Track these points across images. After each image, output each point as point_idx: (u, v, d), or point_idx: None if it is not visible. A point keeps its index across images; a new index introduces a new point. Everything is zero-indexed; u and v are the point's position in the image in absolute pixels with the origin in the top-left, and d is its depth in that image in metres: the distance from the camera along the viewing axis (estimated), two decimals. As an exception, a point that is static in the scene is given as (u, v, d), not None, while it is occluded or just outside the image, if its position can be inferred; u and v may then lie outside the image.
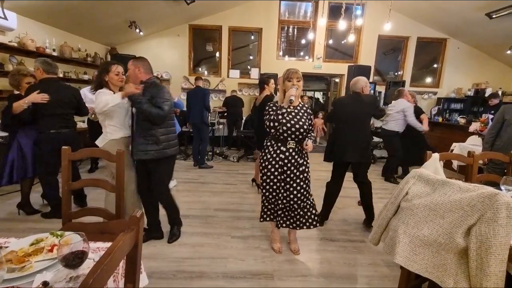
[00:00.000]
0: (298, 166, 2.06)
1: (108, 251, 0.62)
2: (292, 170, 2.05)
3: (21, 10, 3.77)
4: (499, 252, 1.11)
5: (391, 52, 7.08)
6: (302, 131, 1.99)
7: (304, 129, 2.00)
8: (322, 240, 2.51)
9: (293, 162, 2.04)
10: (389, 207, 1.54)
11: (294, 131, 1.98)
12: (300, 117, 2.01)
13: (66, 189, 1.63)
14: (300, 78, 2.00)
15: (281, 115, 1.95)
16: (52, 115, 2.59)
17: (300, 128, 1.98)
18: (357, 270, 2.09)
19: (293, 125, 1.97)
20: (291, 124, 1.97)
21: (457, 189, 1.27)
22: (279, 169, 2.05)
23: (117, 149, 1.65)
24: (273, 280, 1.94)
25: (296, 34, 6.91)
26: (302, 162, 2.08)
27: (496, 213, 1.11)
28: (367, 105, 2.62)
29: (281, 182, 2.09)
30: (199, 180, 4.05)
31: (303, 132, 2.01)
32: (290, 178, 2.06)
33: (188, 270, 1.99)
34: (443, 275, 1.27)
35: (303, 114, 2.05)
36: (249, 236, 2.51)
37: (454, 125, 5.62)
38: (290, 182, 2.07)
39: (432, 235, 1.30)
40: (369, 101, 2.65)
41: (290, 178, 2.06)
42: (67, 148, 1.61)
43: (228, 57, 6.77)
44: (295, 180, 2.07)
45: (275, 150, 2.04)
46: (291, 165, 2.03)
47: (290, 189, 2.08)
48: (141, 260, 1.28)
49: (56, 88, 2.60)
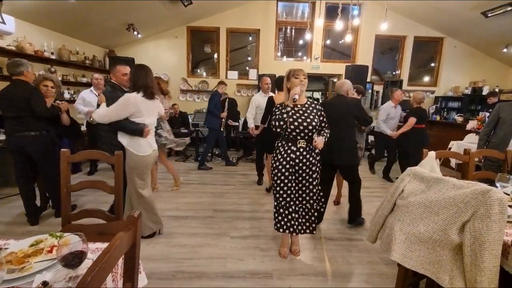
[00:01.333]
0: (310, 165, 2.03)
1: (106, 249, 0.63)
2: (304, 169, 2.02)
3: (19, 14, 3.79)
4: (492, 247, 1.12)
5: (388, 51, 7.11)
6: (311, 128, 1.96)
7: (313, 126, 1.97)
8: (321, 239, 2.52)
9: (304, 161, 2.01)
10: (385, 205, 1.55)
11: (303, 129, 1.96)
12: (308, 115, 1.98)
13: (65, 191, 1.64)
14: (306, 75, 2.00)
15: (285, 114, 1.93)
16: (7, 118, 2.52)
17: (309, 126, 1.96)
18: (356, 268, 2.11)
19: (301, 123, 1.95)
20: (299, 123, 1.95)
21: (451, 186, 1.29)
22: (290, 169, 2.02)
23: (116, 152, 1.66)
24: (272, 279, 1.95)
25: (294, 34, 6.93)
26: (314, 161, 2.05)
27: (489, 209, 1.13)
28: (352, 106, 2.64)
29: (293, 182, 2.06)
30: (198, 181, 4.07)
31: (313, 130, 1.98)
32: (303, 177, 2.04)
33: (187, 271, 2.00)
34: (439, 271, 1.29)
35: (311, 111, 2.01)
36: (248, 236, 2.53)
37: (452, 124, 5.65)
38: (303, 182, 2.05)
39: (427, 232, 1.31)
40: (354, 102, 2.70)
41: (303, 178, 2.04)
42: (65, 150, 1.63)
43: (226, 58, 6.79)
44: (307, 180, 2.05)
45: (286, 150, 2.02)
46: (302, 165, 2.01)
47: (302, 188, 2.06)
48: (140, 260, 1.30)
49: (13, 90, 2.50)
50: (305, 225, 2.14)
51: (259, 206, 3.23)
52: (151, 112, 2.29)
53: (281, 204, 2.11)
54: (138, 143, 2.21)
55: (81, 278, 0.56)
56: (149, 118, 2.25)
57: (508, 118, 2.73)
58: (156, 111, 2.37)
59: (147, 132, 2.21)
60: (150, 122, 2.27)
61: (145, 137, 2.21)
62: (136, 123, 2.18)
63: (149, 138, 2.28)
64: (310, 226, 2.14)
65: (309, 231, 2.15)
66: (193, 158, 5.39)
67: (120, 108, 2.13)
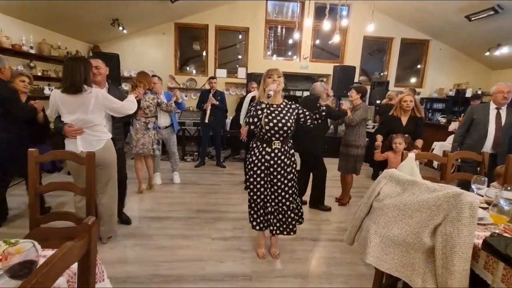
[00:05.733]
0: (285, 166, 2.02)
1: (47, 261, 0.58)
2: (279, 171, 2.01)
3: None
4: (463, 251, 1.13)
5: (376, 52, 7.18)
6: (286, 129, 1.96)
7: (288, 127, 1.96)
8: (302, 240, 2.51)
9: (279, 163, 2.00)
10: (363, 207, 1.55)
11: (278, 130, 1.95)
12: (283, 115, 1.97)
13: (33, 193, 1.56)
14: (280, 74, 1.98)
15: (260, 111, 1.89)
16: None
17: (284, 126, 1.95)
18: (336, 270, 2.10)
19: (276, 124, 1.94)
20: (274, 123, 1.94)
21: (425, 189, 1.29)
22: (265, 170, 2.01)
23: (87, 152, 1.60)
24: (251, 281, 1.93)
25: (284, 34, 6.91)
26: (289, 162, 2.04)
27: (460, 212, 1.13)
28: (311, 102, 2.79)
29: (268, 183, 2.05)
30: (183, 181, 4.00)
31: (287, 130, 1.97)
32: (278, 179, 2.03)
33: (164, 274, 1.95)
34: (412, 274, 1.29)
35: (287, 111, 2.01)
36: (230, 237, 2.49)
37: (436, 125, 5.76)
38: (278, 184, 2.04)
39: (401, 235, 1.31)
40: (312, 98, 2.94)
41: (278, 179, 2.03)
42: (33, 150, 1.55)
43: (215, 56, 6.71)
44: (282, 181, 2.03)
45: (260, 151, 2.01)
46: (277, 166, 2.00)
47: (278, 190, 2.05)
48: (107, 266, 1.25)
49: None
50: (282, 227, 2.11)
51: (243, 206, 3.17)
52: (75, 108, 1.98)
53: (259, 205, 2.10)
54: (66, 143, 2.09)
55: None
56: (71, 115, 1.99)
57: (481, 120, 2.81)
58: (84, 108, 1.98)
59: (68, 131, 2.00)
60: (73, 120, 2.00)
61: (68, 136, 2.03)
62: (61, 121, 2.03)
63: (78, 139, 2.02)
64: (288, 228, 2.12)
65: (286, 233, 2.12)
66: (180, 157, 5.30)
67: (50, 106, 2.06)
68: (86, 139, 2.05)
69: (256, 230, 2.17)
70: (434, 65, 6.93)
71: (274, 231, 2.11)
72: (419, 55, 7.09)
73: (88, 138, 2.05)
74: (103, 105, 2.06)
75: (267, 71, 2.00)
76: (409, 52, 7.04)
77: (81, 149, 2.00)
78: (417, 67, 7.22)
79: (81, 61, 1.99)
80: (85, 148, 2.01)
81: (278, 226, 2.11)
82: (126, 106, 2.21)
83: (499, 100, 2.76)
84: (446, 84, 6.96)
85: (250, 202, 2.13)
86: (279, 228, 2.11)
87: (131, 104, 2.27)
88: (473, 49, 6.46)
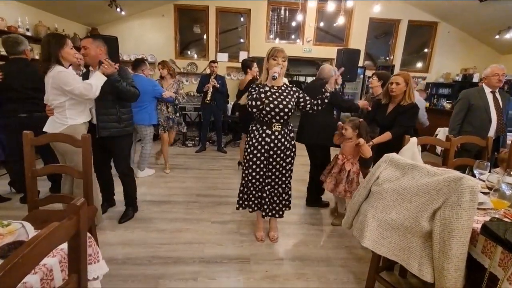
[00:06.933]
0: (285, 149, 2.00)
1: (30, 241, 0.57)
2: (279, 154, 1.99)
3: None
4: (461, 235, 1.11)
5: (382, 36, 6.95)
6: (286, 111, 1.92)
7: (288, 109, 1.92)
8: (301, 224, 2.53)
9: (279, 145, 1.97)
10: (361, 191, 1.53)
11: (278, 111, 1.90)
12: (284, 98, 1.93)
13: (30, 176, 1.56)
14: (286, 58, 1.91)
15: (263, 94, 1.85)
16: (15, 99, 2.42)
17: (285, 108, 1.91)
18: (334, 253, 2.12)
19: (277, 106, 1.89)
20: (275, 105, 1.89)
21: (425, 173, 1.26)
22: (265, 153, 1.99)
23: (82, 134, 1.58)
24: (249, 264, 1.95)
25: (288, 16, 6.69)
26: (288, 146, 2.02)
27: (460, 197, 1.10)
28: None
29: (267, 166, 2.03)
30: (183, 166, 4.01)
31: (288, 113, 1.94)
32: (277, 162, 2.01)
33: (164, 256, 1.98)
34: (408, 258, 1.29)
35: (287, 94, 1.97)
36: (229, 221, 2.51)
37: (441, 110, 5.65)
38: (276, 166, 2.02)
39: (399, 219, 1.30)
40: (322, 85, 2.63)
41: (277, 162, 2.01)
42: (28, 132, 1.54)
43: (216, 40, 6.54)
44: (281, 164, 2.03)
45: (261, 133, 1.97)
46: (277, 149, 1.98)
47: (276, 173, 2.04)
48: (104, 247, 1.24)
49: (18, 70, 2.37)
50: (274, 209, 2.13)
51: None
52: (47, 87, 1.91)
53: (252, 183, 2.08)
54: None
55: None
56: (45, 94, 1.94)
57: (481, 105, 2.65)
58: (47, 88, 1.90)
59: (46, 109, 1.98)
60: (46, 99, 1.95)
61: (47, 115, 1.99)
62: None
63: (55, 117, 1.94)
64: (280, 210, 2.13)
65: (279, 216, 2.14)
66: (181, 142, 5.30)
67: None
68: (52, 120, 1.96)
69: (241, 210, 2.21)
70: (442, 49, 6.71)
71: (266, 214, 2.13)
72: (426, 39, 6.85)
73: (54, 120, 1.95)
74: (59, 87, 1.84)
75: (272, 50, 1.90)
76: (416, 35, 6.80)
77: (45, 129, 1.94)
78: (424, 51, 7.00)
79: (49, 36, 1.89)
80: (49, 129, 1.94)
81: (271, 209, 2.13)
82: (79, 88, 1.86)
83: (494, 83, 2.62)
84: (453, 69, 6.76)
85: (245, 182, 2.11)
86: (271, 211, 2.13)
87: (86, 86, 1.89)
88: (482, 32, 6.23)
